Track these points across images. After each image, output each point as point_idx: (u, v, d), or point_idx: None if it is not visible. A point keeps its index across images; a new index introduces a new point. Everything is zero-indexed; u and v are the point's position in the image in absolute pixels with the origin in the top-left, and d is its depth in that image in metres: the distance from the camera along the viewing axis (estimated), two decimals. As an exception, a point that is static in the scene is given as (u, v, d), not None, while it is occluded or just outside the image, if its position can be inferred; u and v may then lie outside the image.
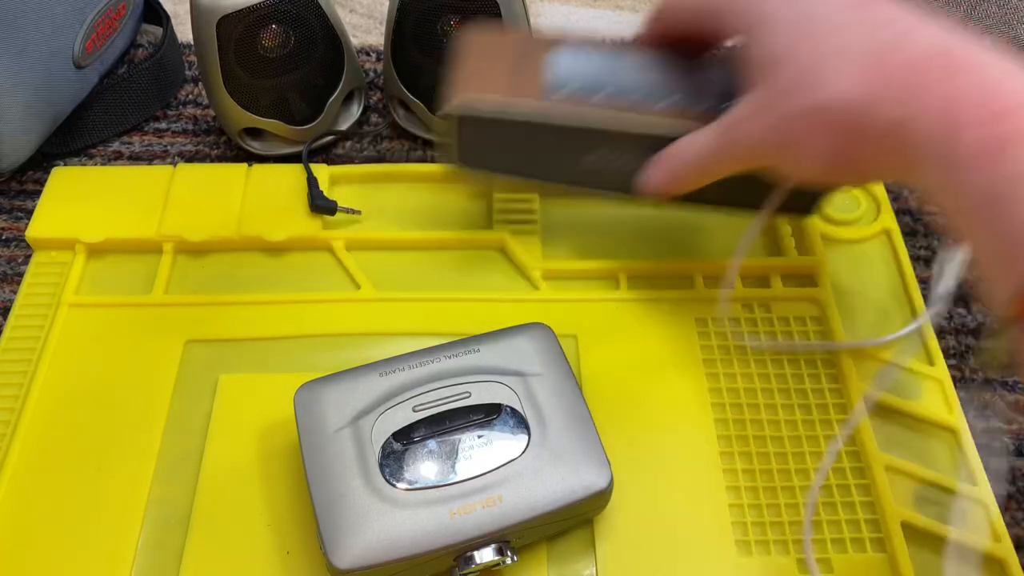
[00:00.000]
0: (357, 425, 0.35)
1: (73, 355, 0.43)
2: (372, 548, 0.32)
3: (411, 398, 0.36)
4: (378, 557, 0.32)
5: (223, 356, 0.43)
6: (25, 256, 0.48)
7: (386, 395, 0.36)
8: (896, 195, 0.52)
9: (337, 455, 0.35)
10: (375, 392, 0.36)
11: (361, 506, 0.33)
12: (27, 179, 0.52)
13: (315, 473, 0.34)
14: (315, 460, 0.35)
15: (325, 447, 0.35)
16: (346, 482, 0.34)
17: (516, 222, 0.48)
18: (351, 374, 0.37)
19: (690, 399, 0.42)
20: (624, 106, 0.39)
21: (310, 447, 0.35)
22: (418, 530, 0.33)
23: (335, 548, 0.32)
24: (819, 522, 0.38)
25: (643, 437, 0.40)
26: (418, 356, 0.38)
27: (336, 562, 0.32)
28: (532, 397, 0.37)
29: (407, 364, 0.37)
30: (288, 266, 0.47)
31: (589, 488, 0.35)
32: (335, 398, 0.36)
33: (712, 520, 0.38)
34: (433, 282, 0.47)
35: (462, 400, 0.36)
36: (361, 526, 0.33)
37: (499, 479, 0.34)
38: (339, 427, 0.35)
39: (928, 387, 0.43)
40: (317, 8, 0.47)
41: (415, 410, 0.36)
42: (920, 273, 0.48)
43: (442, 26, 0.47)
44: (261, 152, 0.52)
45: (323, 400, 0.36)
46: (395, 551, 0.32)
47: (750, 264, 0.47)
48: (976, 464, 0.40)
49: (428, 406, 0.36)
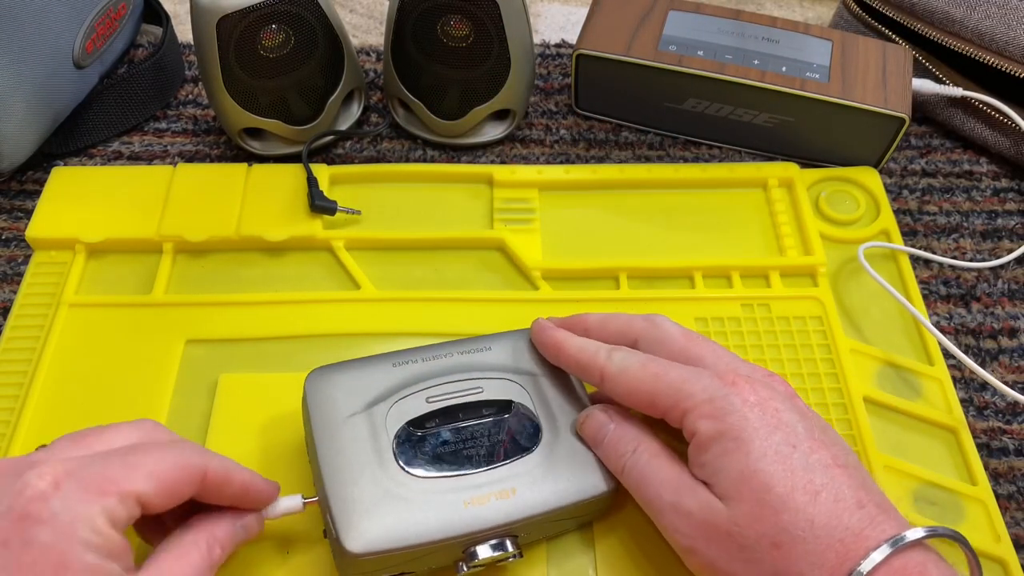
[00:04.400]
0: (371, 412, 0.35)
1: (73, 355, 0.43)
2: (385, 533, 0.32)
3: (424, 389, 0.36)
4: (391, 543, 0.32)
5: (223, 356, 0.43)
6: (25, 256, 0.48)
7: (400, 385, 0.36)
8: (896, 195, 0.52)
9: (351, 440, 0.35)
10: (389, 381, 0.36)
11: (375, 492, 0.33)
12: (27, 179, 0.52)
13: (327, 457, 0.34)
14: (328, 445, 0.34)
15: (339, 432, 0.35)
16: (360, 468, 0.34)
17: (516, 222, 0.48)
18: (363, 362, 0.37)
19: (690, 399, 0.42)
20: (715, 63, 0.50)
21: (322, 432, 0.35)
22: (431, 518, 0.33)
23: (348, 532, 0.32)
24: (819, 522, 0.38)
25: (643, 437, 0.40)
26: (431, 350, 0.38)
27: (349, 545, 0.32)
28: (543, 396, 0.37)
29: (420, 357, 0.38)
30: (288, 266, 0.47)
31: (598, 487, 0.35)
32: (348, 384, 0.36)
33: (712, 520, 0.38)
34: (433, 282, 0.47)
35: (475, 394, 0.37)
36: (375, 511, 0.33)
37: (513, 472, 0.34)
38: (353, 412, 0.35)
39: (928, 387, 0.43)
40: (317, 8, 0.47)
41: (428, 401, 0.36)
42: (919, 274, 0.48)
43: (442, 26, 0.47)
44: (261, 152, 0.52)
45: (336, 386, 0.36)
46: (408, 537, 0.32)
47: (750, 264, 0.47)
48: (976, 464, 0.40)
49: (441, 398, 0.36)
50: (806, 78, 0.50)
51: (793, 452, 0.30)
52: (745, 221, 0.50)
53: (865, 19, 0.57)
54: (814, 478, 0.30)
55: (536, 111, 0.56)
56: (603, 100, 0.55)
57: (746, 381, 0.32)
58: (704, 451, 0.31)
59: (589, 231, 0.49)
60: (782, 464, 0.30)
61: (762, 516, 0.29)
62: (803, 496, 0.29)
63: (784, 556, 0.29)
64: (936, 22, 0.53)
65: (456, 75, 0.49)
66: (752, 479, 0.30)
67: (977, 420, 0.43)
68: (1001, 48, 0.51)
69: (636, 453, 0.34)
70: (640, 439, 0.34)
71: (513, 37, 0.47)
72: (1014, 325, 0.46)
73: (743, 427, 0.31)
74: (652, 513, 0.33)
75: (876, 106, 0.48)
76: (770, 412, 0.31)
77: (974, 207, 0.52)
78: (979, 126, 0.53)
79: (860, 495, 0.30)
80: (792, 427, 0.31)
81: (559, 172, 0.50)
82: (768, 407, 0.31)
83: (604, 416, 0.35)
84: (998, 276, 0.48)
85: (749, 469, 0.30)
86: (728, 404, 0.31)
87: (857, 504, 0.29)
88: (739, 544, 0.30)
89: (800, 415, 0.32)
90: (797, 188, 0.50)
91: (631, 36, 0.52)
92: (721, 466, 0.31)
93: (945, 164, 0.54)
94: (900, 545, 0.28)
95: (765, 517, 0.29)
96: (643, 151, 0.54)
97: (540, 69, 0.59)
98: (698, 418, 0.32)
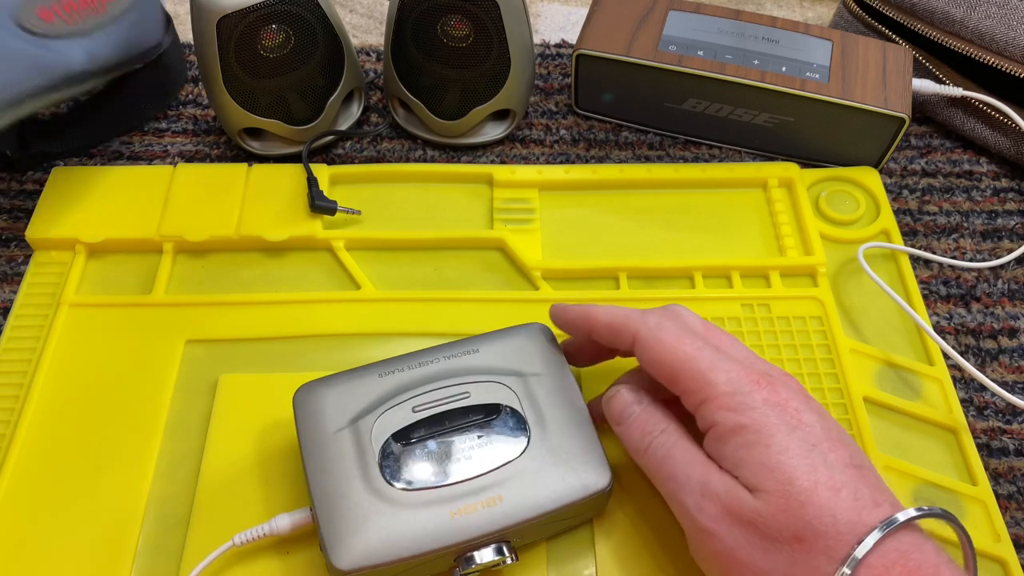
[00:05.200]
0: (357, 426, 0.35)
1: (73, 355, 0.43)
2: (373, 548, 0.32)
3: (410, 398, 0.36)
4: (379, 557, 0.32)
5: (223, 356, 0.43)
6: (25, 256, 0.48)
7: (386, 396, 0.36)
8: (896, 195, 0.52)
9: (337, 456, 0.35)
10: (374, 393, 0.36)
11: (361, 507, 0.33)
12: (27, 179, 0.52)
13: (315, 474, 0.34)
14: (315, 461, 0.35)
15: (325, 448, 0.35)
16: (346, 483, 0.34)
17: (516, 222, 0.48)
18: (350, 375, 0.37)
19: (690, 399, 0.42)
20: (715, 63, 0.50)
21: (309, 448, 0.35)
22: (418, 530, 0.33)
23: (336, 548, 0.32)
24: (819, 522, 0.38)
25: (643, 437, 0.40)
26: (417, 356, 0.38)
27: (336, 562, 0.32)
28: (532, 397, 0.37)
29: (406, 364, 0.37)
30: (288, 266, 0.47)
31: (589, 488, 0.35)
32: (334, 399, 0.36)
33: (712, 520, 0.38)
34: (433, 282, 0.47)
35: (462, 400, 0.36)
36: (361, 527, 0.33)
37: (500, 479, 0.34)
38: (339, 428, 0.35)
39: (928, 387, 0.43)
40: (317, 8, 0.47)
41: (415, 410, 0.36)
42: (919, 274, 0.48)
43: (442, 26, 0.47)
44: (261, 152, 0.52)
45: (322, 401, 0.36)
46: (396, 551, 0.32)
47: (750, 264, 0.47)
48: (976, 464, 0.40)
49: (428, 406, 0.36)
50: (806, 78, 0.50)
51: (813, 450, 0.31)
52: (745, 221, 0.50)
53: (865, 19, 0.57)
54: (835, 475, 0.30)
55: (536, 111, 0.56)
56: (603, 100, 0.55)
57: (767, 379, 0.32)
58: (723, 443, 0.32)
59: (589, 231, 0.49)
60: (804, 459, 0.30)
61: (787, 508, 0.29)
62: (826, 491, 0.29)
63: (805, 549, 0.29)
64: (936, 22, 0.53)
65: (456, 75, 0.49)
66: (776, 470, 0.30)
67: (977, 420, 0.43)
68: (1001, 48, 0.51)
69: (665, 433, 0.34)
70: (668, 422, 0.35)
71: (513, 37, 0.47)
72: (1014, 325, 0.46)
73: (764, 423, 0.31)
74: (674, 489, 0.33)
75: (876, 106, 0.48)
76: (790, 411, 0.32)
77: (974, 207, 0.52)
78: (979, 126, 0.53)
79: (876, 495, 0.30)
80: (811, 426, 0.31)
81: (559, 172, 0.50)
82: (788, 407, 0.32)
83: (632, 396, 0.36)
84: (998, 276, 0.48)
85: (772, 461, 0.30)
86: (750, 400, 0.32)
87: (874, 503, 0.29)
88: (761, 533, 0.30)
89: (818, 415, 0.32)
90: (797, 188, 0.50)
91: (631, 36, 0.52)
92: (743, 457, 0.31)
93: (945, 164, 0.54)
94: (892, 527, 0.28)
95: (790, 509, 0.29)
96: (643, 151, 0.54)
97: (540, 69, 0.59)
98: (717, 409, 0.32)
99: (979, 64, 0.52)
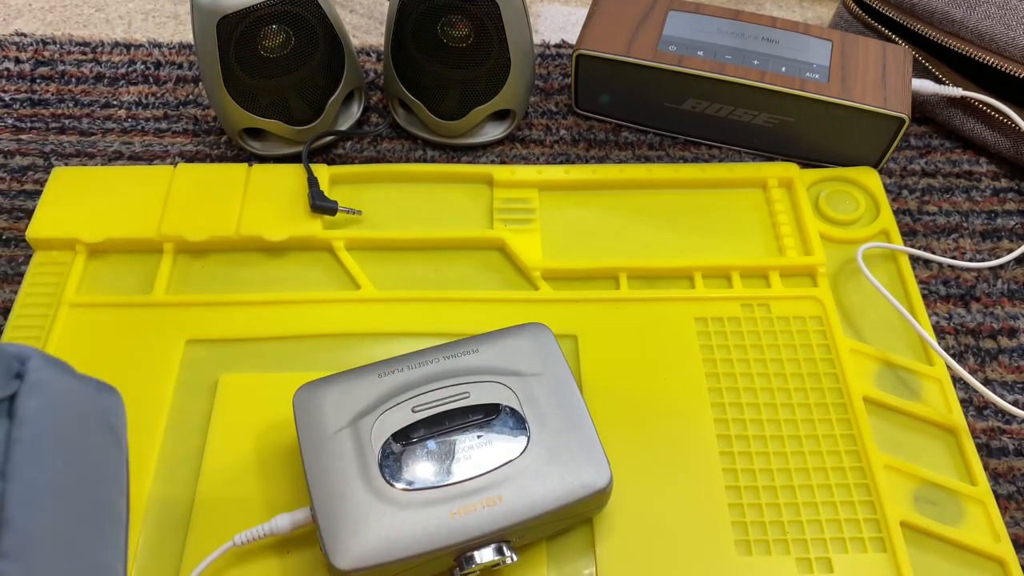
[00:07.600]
0: (356, 426, 0.35)
1: (73, 355, 0.43)
2: (373, 549, 0.32)
3: (410, 399, 0.36)
4: (379, 557, 0.32)
5: (223, 356, 0.43)
6: (25, 256, 0.48)
7: (385, 396, 0.36)
8: (896, 195, 0.52)
9: (337, 456, 0.35)
10: (374, 393, 0.36)
11: (361, 507, 0.33)
12: (27, 179, 0.52)
13: (315, 474, 0.34)
14: (315, 461, 0.35)
15: (325, 448, 0.35)
16: (346, 483, 0.34)
17: (516, 222, 0.48)
18: (350, 375, 0.37)
19: (690, 399, 0.42)
20: (715, 64, 0.50)
21: (310, 448, 0.35)
22: (418, 530, 0.33)
23: (335, 549, 0.32)
24: (819, 522, 0.38)
25: (643, 437, 0.40)
26: (417, 356, 0.38)
27: (337, 563, 0.32)
28: (531, 397, 0.37)
29: (406, 365, 0.37)
30: (288, 266, 0.47)
31: (588, 488, 0.35)
32: (334, 399, 0.36)
33: (712, 520, 0.38)
34: (433, 282, 0.47)
35: (461, 400, 0.36)
36: (361, 527, 0.33)
37: (499, 479, 0.34)
38: (339, 428, 0.35)
39: (928, 387, 0.43)
40: (317, 8, 0.47)
41: (414, 411, 0.36)
42: (919, 274, 0.48)
43: (442, 26, 0.47)
44: (261, 152, 0.52)
45: (322, 401, 0.36)
46: (395, 551, 0.33)
47: (750, 264, 0.47)
48: (976, 464, 0.40)
49: (427, 407, 0.36)
50: (806, 78, 0.50)
51: None
52: (745, 221, 0.50)
53: (865, 19, 0.57)
54: None
55: (536, 111, 0.56)
56: (603, 100, 0.55)
57: None
58: None
59: (589, 231, 0.49)
60: None
61: None
62: None
63: None
64: (936, 22, 0.53)
65: (456, 75, 0.49)
66: None
67: (977, 420, 0.43)
68: (1001, 48, 0.51)
69: None
70: None
71: (513, 37, 0.47)
72: (1014, 325, 0.46)
73: None
74: None
75: (876, 106, 0.49)
76: None
77: (974, 207, 0.52)
78: (979, 126, 0.53)
79: None
80: None
81: (559, 172, 0.50)
82: None
83: None
84: (998, 276, 0.48)
85: None
86: None
87: None
88: None
89: None
90: (797, 188, 0.50)
91: (631, 36, 0.52)
92: None
93: (945, 164, 0.54)
94: None
95: None
96: (643, 151, 0.54)
97: (540, 69, 0.59)
98: None
99: (979, 64, 0.52)
